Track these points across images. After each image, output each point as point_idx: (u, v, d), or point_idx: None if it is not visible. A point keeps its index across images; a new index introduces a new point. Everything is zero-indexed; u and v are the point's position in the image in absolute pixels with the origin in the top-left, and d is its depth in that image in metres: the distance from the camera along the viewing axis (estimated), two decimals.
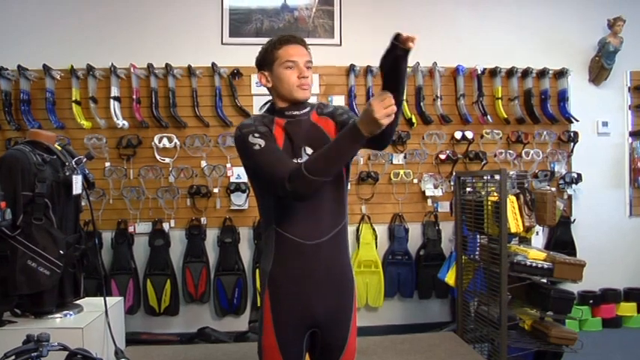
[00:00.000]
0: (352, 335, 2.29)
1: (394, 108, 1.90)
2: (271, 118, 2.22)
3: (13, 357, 1.86)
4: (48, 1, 5.09)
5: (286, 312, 2.18)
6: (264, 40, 2.31)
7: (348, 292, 2.28)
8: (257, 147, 2.08)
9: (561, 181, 5.41)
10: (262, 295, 2.24)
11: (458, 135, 5.26)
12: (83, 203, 3.19)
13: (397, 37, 1.99)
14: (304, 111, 2.22)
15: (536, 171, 5.34)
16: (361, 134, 1.93)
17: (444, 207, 5.31)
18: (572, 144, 5.45)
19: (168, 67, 4.98)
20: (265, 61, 2.23)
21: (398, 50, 1.98)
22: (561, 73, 5.41)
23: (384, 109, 1.88)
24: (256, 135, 2.10)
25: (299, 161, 2.12)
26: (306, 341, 2.23)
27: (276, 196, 2.14)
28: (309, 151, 2.17)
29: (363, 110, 1.93)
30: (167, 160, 5.03)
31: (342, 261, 2.26)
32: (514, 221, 4.02)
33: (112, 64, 4.90)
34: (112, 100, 4.93)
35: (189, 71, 5.05)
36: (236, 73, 5.08)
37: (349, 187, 5.12)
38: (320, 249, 2.16)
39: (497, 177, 4.06)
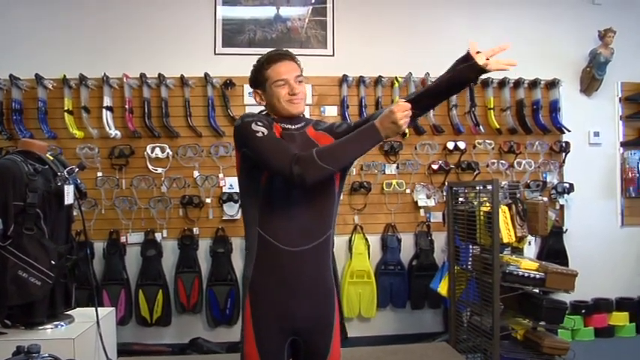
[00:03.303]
0: (335, 344, 2.29)
1: (409, 114, 2.09)
2: (271, 120, 2.26)
3: None
4: (40, 10, 5.08)
5: (266, 319, 2.20)
6: (257, 51, 2.36)
7: (329, 301, 2.29)
8: (260, 134, 2.11)
9: (553, 191, 5.42)
10: (243, 302, 2.26)
11: (450, 145, 5.27)
12: (75, 213, 3.17)
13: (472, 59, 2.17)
14: (298, 126, 2.28)
15: (528, 181, 5.36)
16: (379, 135, 2.07)
17: (437, 217, 5.32)
18: (564, 154, 5.46)
19: (160, 77, 4.98)
20: (257, 81, 2.29)
21: (474, 68, 2.18)
22: (553, 84, 5.45)
23: (404, 115, 2.06)
24: (259, 124, 2.14)
25: None
26: (287, 349, 2.25)
27: (264, 196, 2.19)
28: None
29: (384, 114, 2.07)
30: (159, 170, 5.02)
31: (323, 272, 2.27)
32: (506, 231, 4.04)
33: (105, 73, 4.90)
34: (104, 110, 4.92)
35: (182, 81, 5.05)
36: (229, 84, 5.09)
37: (341, 197, 5.14)
38: (301, 257, 2.19)
39: (489, 187, 4.08)
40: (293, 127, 2.28)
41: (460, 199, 4.69)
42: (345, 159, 2.12)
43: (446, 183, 5.14)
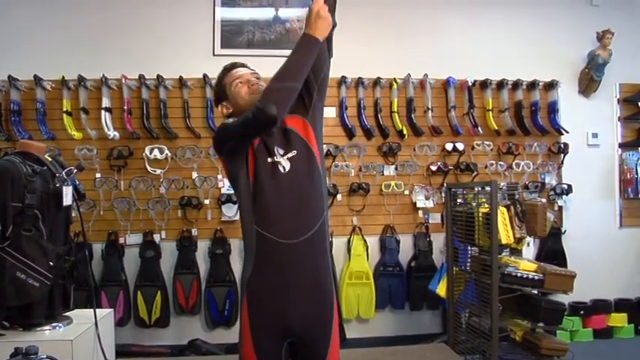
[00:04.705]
0: (334, 344, 2.27)
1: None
2: None
3: None
4: (39, 11, 5.08)
5: (263, 320, 2.20)
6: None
7: (327, 300, 2.27)
8: (231, 120, 2.26)
9: (552, 193, 5.42)
10: (241, 302, 2.27)
11: (449, 146, 5.27)
12: (73, 214, 3.16)
13: None
14: None
15: (527, 182, 5.36)
16: (314, 37, 2.16)
17: (435, 218, 5.31)
18: (562, 155, 5.47)
19: (159, 79, 4.98)
20: (220, 94, 2.43)
21: None
22: (551, 85, 5.45)
23: (319, 5, 2.15)
24: (231, 120, 2.26)
25: (274, 159, 2.23)
26: (285, 350, 2.24)
27: (254, 193, 2.21)
28: (281, 151, 2.25)
29: (305, 19, 2.17)
30: (158, 171, 5.02)
31: (322, 269, 2.26)
32: (505, 232, 4.04)
33: (103, 74, 4.90)
34: (103, 111, 4.91)
35: (181, 82, 5.05)
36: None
37: (339, 197, 5.14)
38: (299, 251, 2.18)
39: (488, 188, 4.08)
40: None
41: (459, 201, 4.69)
42: (297, 71, 2.16)
43: (444, 184, 5.15)
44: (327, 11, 2.16)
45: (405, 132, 5.23)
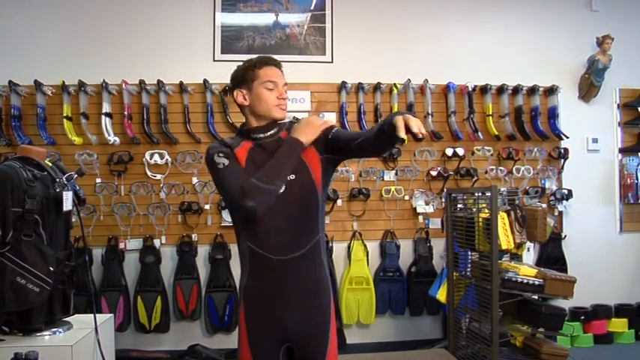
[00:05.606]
0: (331, 350, 2.28)
1: (326, 124, 2.28)
2: (239, 140, 2.33)
3: None
4: (39, 16, 5.08)
5: (259, 326, 2.22)
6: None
7: (323, 306, 2.29)
8: (221, 165, 2.20)
9: (552, 198, 5.42)
10: (238, 309, 2.32)
11: (449, 151, 5.26)
12: (73, 219, 3.16)
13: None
14: (273, 131, 2.31)
15: (527, 187, 5.35)
16: (300, 141, 2.22)
17: (436, 223, 5.31)
18: (562, 160, 5.47)
19: (159, 84, 4.98)
20: (244, 79, 2.35)
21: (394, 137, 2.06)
22: (551, 90, 5.45)
23: (320, 122, 2.27)
24: (221, 154, 2.22)
25: None
26: (283, 355, 2.25)
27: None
28: None
29: (302, 121, 2.29)
30: (158, 176, 5.01)
31: (317, 276, 2.28)
32: (505, 238, 4.03)
33: (104, 80, 4.90)
34: (103, 116, 4.92)
35: (181, 87, 5.06)
36: (228, 90, 5.06)
37: (339, 203, 5.14)
38: (292, 264, 2.20)
39: (488, 193, 4.08)
40: (266, 134, 2.31)
41: (459, 206, 4.69)
42: (282, 172, 2.18)
43: (445, 189, 5.14)
44: (317, 124, 2.27)
45: (404, 137, 5.20)
